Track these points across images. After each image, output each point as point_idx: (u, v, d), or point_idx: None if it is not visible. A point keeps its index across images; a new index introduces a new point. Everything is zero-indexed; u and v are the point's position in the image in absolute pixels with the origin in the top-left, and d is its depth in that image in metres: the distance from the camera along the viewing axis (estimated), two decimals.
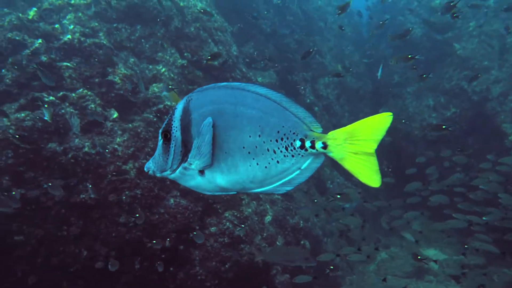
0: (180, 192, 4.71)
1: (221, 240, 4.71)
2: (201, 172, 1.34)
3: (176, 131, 1.33)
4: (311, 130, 1.28)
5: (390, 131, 1.24)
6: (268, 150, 1.28)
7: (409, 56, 4.85)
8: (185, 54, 5.54)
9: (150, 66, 5.29)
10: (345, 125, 1.28)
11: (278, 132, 1.27)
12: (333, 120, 8.65)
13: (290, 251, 4.35)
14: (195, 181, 1.37)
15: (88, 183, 4.13)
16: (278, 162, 1.29)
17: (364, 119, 1.24)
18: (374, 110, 9.15)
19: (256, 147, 1.28)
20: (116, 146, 4.42)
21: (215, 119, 1.28)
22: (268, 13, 8.07)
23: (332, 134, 1.27)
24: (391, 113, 1.22)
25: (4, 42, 4.22)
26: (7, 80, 4.16)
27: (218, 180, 1.33)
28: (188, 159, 1.33)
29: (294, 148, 1.27)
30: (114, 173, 4.30)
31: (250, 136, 1.27)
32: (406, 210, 5.86)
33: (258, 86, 1.30)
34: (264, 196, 5.71)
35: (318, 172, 6.50)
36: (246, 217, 5.02)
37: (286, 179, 1.31)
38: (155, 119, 4.83)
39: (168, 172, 1.38)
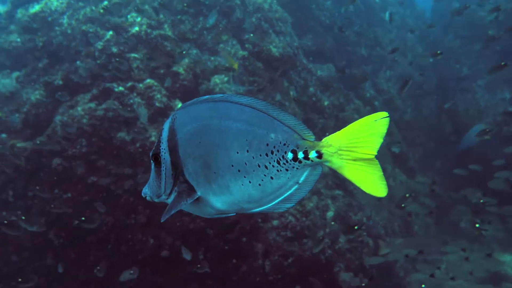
0: None
1: (284, 234, 4.59)
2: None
3: (165, 153, 1.25)
4: (303, 139, 1.15)
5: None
6: (259, 166, 1.16)
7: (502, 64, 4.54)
8: (246, 45, 5.48)
9: (212, 58, 5.29)
10: (407, 122, 1.03)
11: (267, 145, 1.15)
12: (395, 115, 8.23)
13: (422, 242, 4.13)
14: (190, 206, 1.27)
15: None
16: (272, 178, 1.17)
17: (359, 120, 1.09)
18: (439, 106, 8.61)
19: (246, 163, 1.17)
20: None
21: (200, 138, 1.20)
22: (327, 4, 7.84)
23: (326, 140, 1.13)
24: (386, 113, 1.08)
25: (79, 34, 4.38)
26: (81, 71, 4.31)
27: (213, 202, 1.24)
28: (179, 183, 1.25)
29: (287, 161, 1.15)
30: None
31: (238, 153, 1.17)
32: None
33: (242, 96, 1.19)
34: (325, 191, 5.53)
35: None
36: (308, 212, 4.87)
37: (285, 195, 1.19)
38: None
39: (164, 197, 1.29)
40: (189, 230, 4.35)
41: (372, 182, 1.10)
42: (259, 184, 1.18)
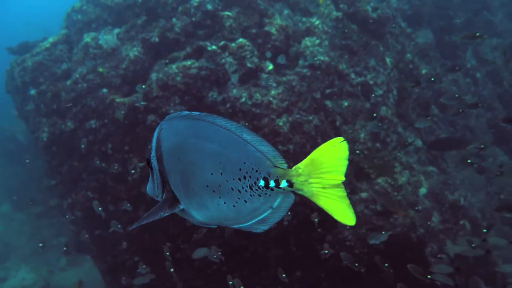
0: None
1: (373, 207, 4.34)
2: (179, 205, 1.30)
3: (154, 160, 1.30)
4: (275, 166, 1.15)
5: None
6: (232, 189, 1.18)
7: None
8: (341, 5, 5.11)
9: (304, 19, 5.01)
10: None
11: (240, 170, 1.16)
12: (498, 89, 7.34)
13: None
14: (180, 212, 1.32)
15: None
16: (245, 201, 1.18)
17: (319, 147, 1.12)
18: None
19: (220, 185, 1.19)
20: (270, 99, 4.31)
21: (179, 154, 1.23)
22: None
23: (296, 169, 1.14)
24: (342, 138, 1.11)
25: None
26: (177, 29, 4.31)
27: (194, 215, 1.28)
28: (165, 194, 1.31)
29: (259, 188, 1.16)
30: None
31: (212, 174, 1.19)
32: None
33: (217, 117, 1.19)
34: (418, 166, 5.11)
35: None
36: (400, 186, 4.54)
37: (260, 217, 1.21)
38: (308, 73, 4.58)
39: (159, 198, 1.34)
40: None
41: (342, 210, 1.12)
42: (234, 206, 1.20)
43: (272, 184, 1.14)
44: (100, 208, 4.16)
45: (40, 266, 7.90)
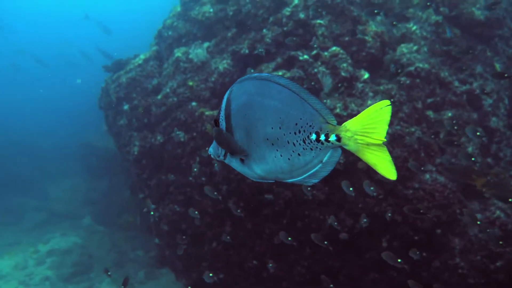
0: (436, 167, 3.99)
1: (490, 231, 3.78)
2: (242, 160, 1.41)
3: (222, 120, 1.41)
4: (327, 123, 1.27)
5: None
6: (288, 142, 1.30)
7: None
8: (441, 8, 4.70)
9: (399, 25, 4.67)
10: None
11: (296, 124, 1.28)
12: None
13: None
14: (240, 168, 1.44)
15: None
16: (299, 154, 1.30)
17: (368, 108, 1.22)
18: None
19: (278, 139, 1.30)
20: None
21: (246, 110, 1.35)
22: None
23: (345, 126, 1.25)
24: (389, 102, 1.20)
25: (268, 1, 4.28)
26: (268, 39, 4.20)
27: (255, 168, 1.39)
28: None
29: (311, 141, 1.27)
30: None
31: (272, 128, 1.31)
32: None
33: (281, 77, 1.30)
34: None
35: None
36: None
37: (311, 171, 1.32)
38: (408, 82, 4.21)
39: (221, 157, 1.46)
40: (373, 213, 3.91)
41: (385, 166, 1.22)
42: (288, 159, 1.31)
43: (322, 137, 1.24)
44: (196, 212, 4.10)
45: (120, 279, 8.11)
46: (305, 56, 4.11)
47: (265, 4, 4.27)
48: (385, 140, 1.20)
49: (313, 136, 1.26)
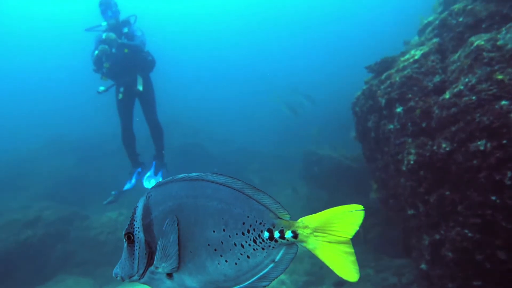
0: None
1: None
2: (169, 275, 1.23)
3: (139, 232, 1.25)
4: (279, 218, 1.19)
5: None
6: (235, 245, 1.18)
7: None
8: None
9: None
10: None
11: (244, 223, 1.17)
12: None
13: None
14: (165, 286, 1.25)
15: None
16: (248, 257, 1.18)
17: (335, 209, 1.17)
18: None
19: (222, 242, 1.18)
20: None
21: (177, 216, 1.20)
22: None
23: (302, 221, 1.18)
24: (362, 207, 1.14)
25: None
26: None
27: (188, 282, 1.23)
28: (154, 262, 1.24)
29: (263, 240, 1.18)
30: None
31: (214, 231, 1.18)
32: None
33: (217, 175, 1.21)
34: None
35: None
36: None
37: (261, 274, 1.19)
38: None
39: (136, 277, 1.27)
40: None
41: (345, 266, 1.12)
42: (235, 263, 1.18)
43: (276, 234, 1.16)
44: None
45: None
46: None
47: None
48: (351, 236, 1.13)
49: (266, 234, 1.17)
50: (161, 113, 6.81)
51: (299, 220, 1.20)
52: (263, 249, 1.18)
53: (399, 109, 4.47)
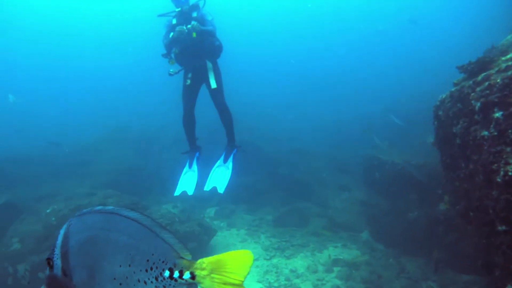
0: None
1: None
2: None
3: (57, 259, 1.28)
4: (181, 258, 1.24)
5: None
6: (138, 281, 1.21)
7: None
8: None
9: None
10: None
11: (148, 261, 1.21)
12: None
13: None
14: None
15: None
16: None
17: (230, 253, 1.25)
18: None
19: (127, 277, 1.21)
20: None
21: (89, 247, 1.23)
22: None
23: (200, 263, 1.24)
24: (250, 252, 1.24)
25: None
26: None
27: None
28: None
29: (164, 279, 1.21)
30: None
31: (120, 266, 1.21)
32: None
33: (130, 210, 1.24)
34: None
35: None
36: None
37: None
38: None
39: None
40: None
41: None
42: None
43: (176, 274, 1.22)
44: None
45: None
46: None
47: None
48: (243, 280, 1.20)
49: (166, 273, 1.21)
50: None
51: (199, 261, 1.25)
52: (164, 287, 1.22)
53: (497, 114, 4.03)
